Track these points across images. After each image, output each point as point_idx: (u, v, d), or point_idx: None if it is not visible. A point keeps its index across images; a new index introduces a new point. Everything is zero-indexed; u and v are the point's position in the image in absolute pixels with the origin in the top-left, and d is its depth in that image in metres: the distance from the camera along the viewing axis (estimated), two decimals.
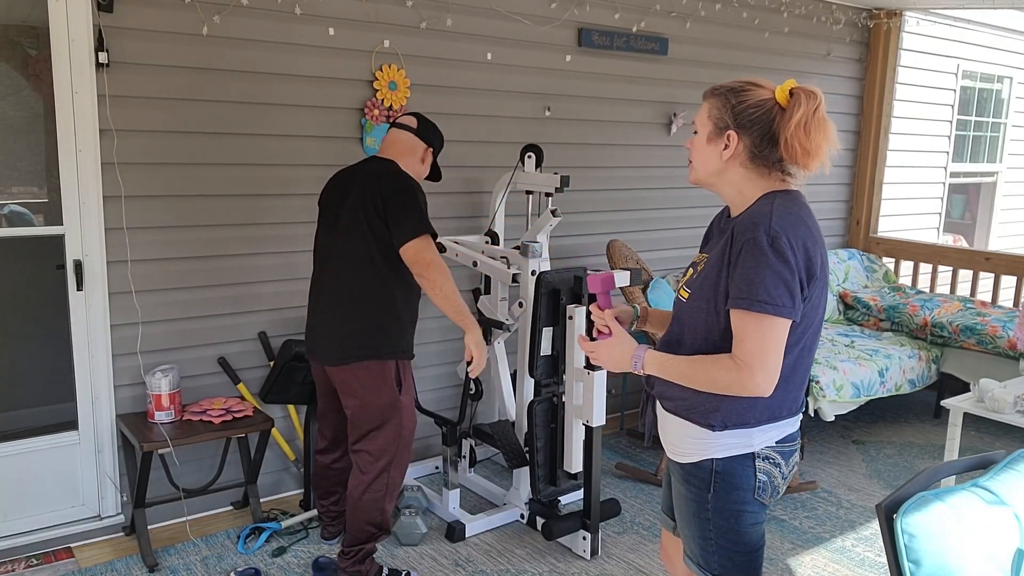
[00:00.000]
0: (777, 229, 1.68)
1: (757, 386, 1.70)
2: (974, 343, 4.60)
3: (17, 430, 3.33)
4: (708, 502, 1.86)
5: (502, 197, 3.80)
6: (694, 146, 1.87)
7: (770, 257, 1.66)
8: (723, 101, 1.79)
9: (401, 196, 2.78)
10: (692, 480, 1.88)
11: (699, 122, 1.85)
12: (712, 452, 1.84)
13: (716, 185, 1.87)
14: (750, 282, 1.67)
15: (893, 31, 5.59)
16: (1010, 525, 1.69)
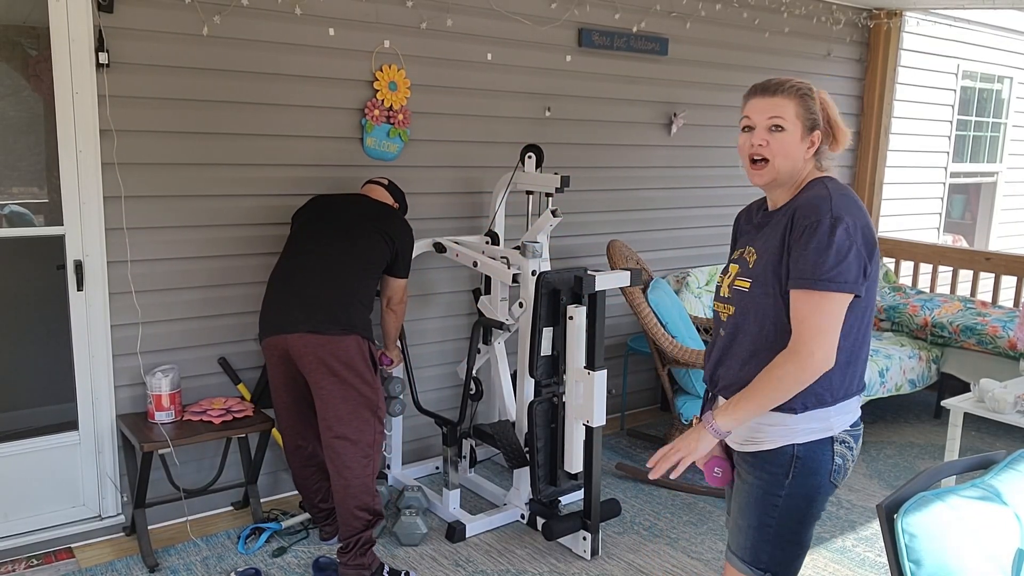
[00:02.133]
0: (839, 210, 1.77)
1: (818, 362, 1.77)
2: (974, 343, 4.60)
3: (17, 430, 3.33)
4: (783, 487, 1.88)
5: (502, 197, 3.80)
6: (782, 144, 1.84)
7: (833, 237, 1.74)
8: (809, 101, 1.85)
9: (409, 242, 3.27)
10: (767, 467, 1.90)
11: (786, 120, 1.84)
12: (794, 437, 1.87)
13: (783, 183, 1.89)
14: (814, 263, 1.74)
15: (893, 31, 5.59)
16: (1011, 525, 1.69)
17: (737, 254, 2.00)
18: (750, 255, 1.92)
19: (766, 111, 1.85)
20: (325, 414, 2.95)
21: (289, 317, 2.97)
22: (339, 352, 2.91)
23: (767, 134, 1.85)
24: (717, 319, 2.03)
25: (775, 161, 1.85)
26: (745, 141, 1.89)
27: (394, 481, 3.88)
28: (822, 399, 1.85)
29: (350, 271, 3.04)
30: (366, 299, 3.07)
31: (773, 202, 1.95)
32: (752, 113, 1.88)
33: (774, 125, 1.84)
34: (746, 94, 1.93)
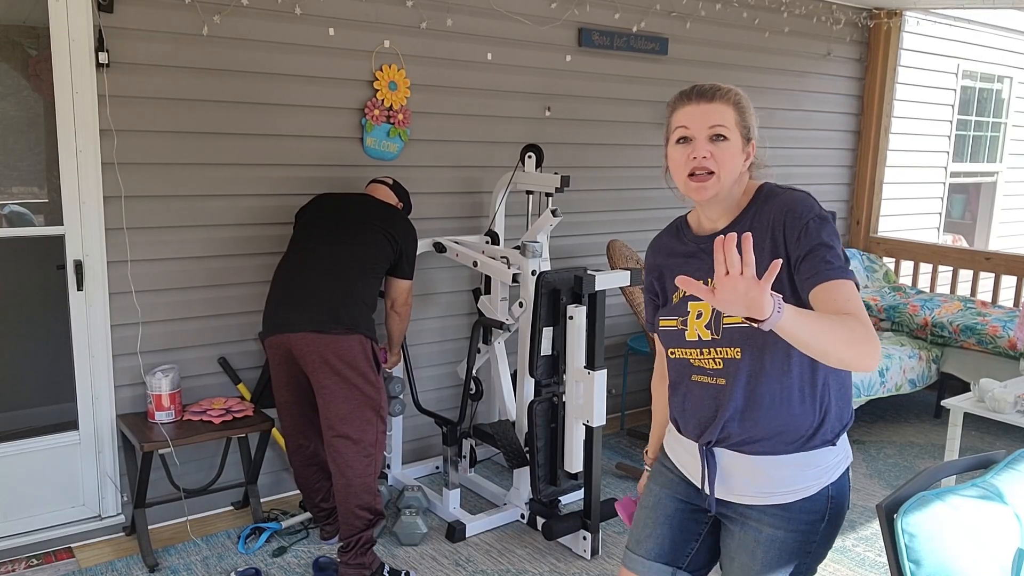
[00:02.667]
0: (819, 206, 1.65)
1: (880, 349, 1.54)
2: (974, 343, 4.60)
3: (17, 430, 3.33)
4: (818, 533, 1.70)
5: (502, 197, 3.80)
6: (726, 155, 1.64)
7: (829, 230, 1.61)
8: (745, 110, 1.69)
9: (413, 242, 3.27)
10: (804, 516, 1.69)
11: (728, 128, 1.65)
12: (830, 477, 1.70)
13: (724, 198, 1.69)
14: (836, 254, 1.58)
15: (893, 31, 5.59)
16: (1011, 525, 1.69)
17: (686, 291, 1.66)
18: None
19: (706, 119, 1.64)
20: (327, 413, 2.96)
21: (292, 316, 2.97)
22: (342, 351, 2.91)
23: (710, 145, 1.64)
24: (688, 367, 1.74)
25: (720, 174, 1.63)
26: (682, 154, 1.67)
27: (394, 481, 3.88)
28: (843, 422, 1.73)
29: (353, 270, 3.04)
30: (369, 299, 3.07)
31: (711, 221, 1.73)
32: (689, 122, 1.65)
33: (716, 135, 1.64)
34: (674, 102, 1.71)
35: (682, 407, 1.78)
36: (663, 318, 1.79)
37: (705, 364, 1.71)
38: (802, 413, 1.66)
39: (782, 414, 1.65)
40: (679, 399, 1.79)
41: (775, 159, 5.77)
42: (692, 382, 1.75)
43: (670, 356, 1.79)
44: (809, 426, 1.67)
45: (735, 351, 1.65)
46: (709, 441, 1.72)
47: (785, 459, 1.67)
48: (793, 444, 1.67)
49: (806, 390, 1.66)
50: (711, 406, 1.71)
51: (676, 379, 1.80)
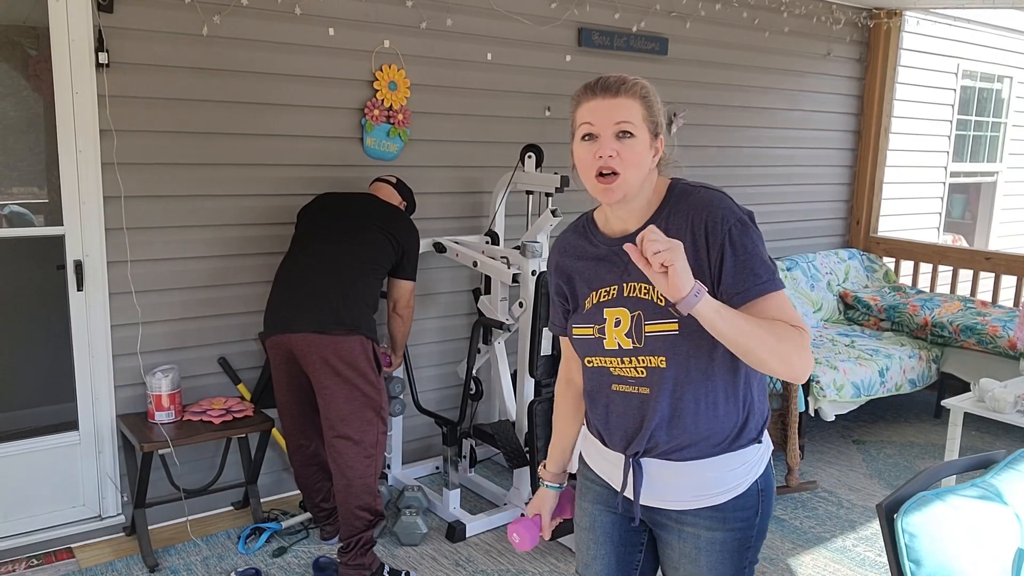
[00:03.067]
0: (740, 206, 1.58)
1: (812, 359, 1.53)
2: (974, 343, 4.60)
3: (17, 430, 3.33)
4: (754, 528, 1.68)
5: (502, 197, 3.80)
6: (633, 153, 1.54)
7: (754, 234, 1.56)
8: (652, 104, 1.60)
9: (415, 243, 3.27)
10: (739, 513, 1.66)
11: (635, 125, 1.55)
12: (757, 470, 1.67)
13: (632, 198, 1.59)
14: (763, 263, 1.54)
15: (893, 31, 5.59)
16: (1011, 525, 1.69)
17: (608, 294, 1.64)
18: (648, 292, 1.59)
19: (611, 115, 1.55)
20: (328, 414, 2.96)
21: (293, 316, 2.97)
22: (343, 352, 2.91)
23: (616, 143, 1.54)
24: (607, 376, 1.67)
25: (626, 174, 1.54)
26: (588, 152, 1.56)
27: (394, 481, 3.88)
28: (764, 417, 1.69)
29: (354, 271, 3.04)
30: (370, 299, 3.07)
31: (622, 221, 1.64)
32: (594, 118, 1.56)
33: (622, 131, 1.55)
34: (579, 95, 1.62)
35: (605, 419, 1.70)
36: (577, 325, 1.70)
37: (626, 373, 1.64)
38: (727, 415, 1.62)
39: (708, 419, 1.61)
40: (601, 410, 1.71)
41: (775, 159, 5.80)
42: (613, 392, 1.67)
43: (587, 365, 1.71)
44: (734, 426, 1.63)
45: (659, 359, 1.58)
46: (636, 452, 1.65)
47: (713, 461, 1.64)
48: (719, 446, 1.63)
49: (729, 391, 1.62)
50: (636, 416, 1.64)
51: (594, 389, 1.72)
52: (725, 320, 1.45)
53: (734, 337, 1.46)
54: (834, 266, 5.46)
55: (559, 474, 1.92)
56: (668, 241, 1.41)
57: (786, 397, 3.80)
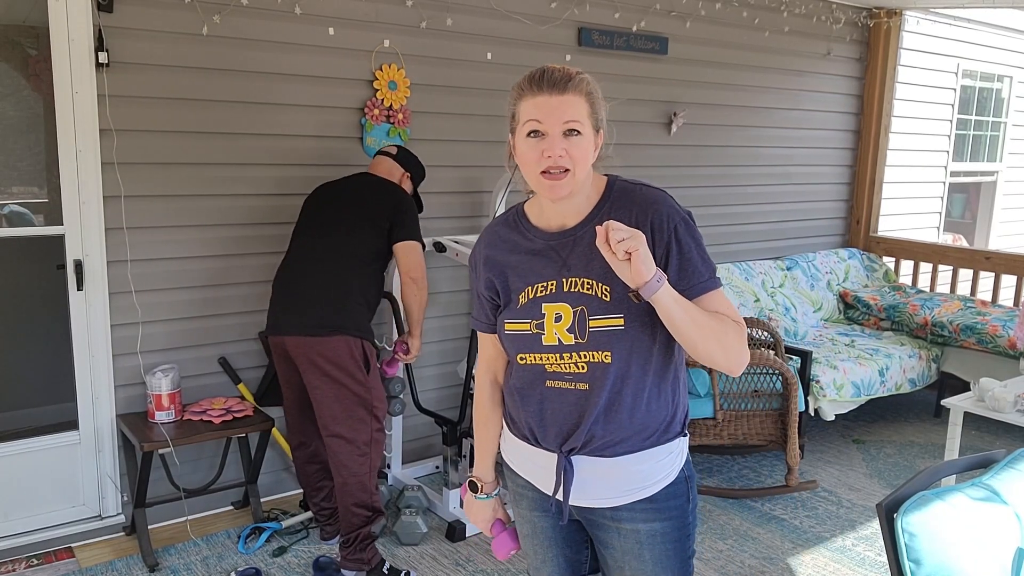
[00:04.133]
0: (680, 205, 1.61)
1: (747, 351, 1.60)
2: (974, 342, 4.60)
3: (17, 430, 3.33)
4: (688, 514, 1.71)
5: (502, 197, 3.80)
6: (581, 151, 1.54)
7: (696, 234, 1.59)
8: (596, 100, 1.60)
9: (407, 205, 3.14)
10: (673, 501, 1.68)
11: (581, 122, 1.54)
12: (680, 459, 1.70)
13: (576, 194, 1.60)
14: (705, 261, 1.58)
15: (893, 30, 5.59)
16: (1011, 524, 1.69)
17: (546, 288, 1.61)
18: (591, 287, 1.57)
19: (559, 113, 1.52)
20: (321, 413, 2.96)
21: (285, 318, 2.98)
22: (327, 352, 2.91)
23: (564, 141, 1.52)
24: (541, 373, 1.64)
25: (575, 170, 1.54)
26: (534, 149, 1.53)
27: (394, 481, 3.88)
28: (685, 409, 1.72)
29: (343, 266, 3.01)
30: (364, 293, 3.02)
31: (560, 216, 1.63)
32: (541, 115, 1.52)
33: (570, 130, 1.53)
34: (522, 87, 1.56)
35: (540, 416, 1.66)
36: (510, 320, 1.65)
37: (564, 369, 1.61)
38: (659, 409, 1.64)
39: (642, 413, 1.62)
40: (534, 407, 1.66)
41: (775, 159, 5.79)
42: (548, 388, 1.64)
43: (519, 362, 1.66)
44: (663, 420, 1.65)
45: (604, 355, 1.57)
46: (572, 448, 1.63)
47: (643, 455, 1.64)
48: (650, 439, 1.64)
49: (663, 387, 1.64)
50: (573, 412, 1.62)
51: (525, 386, 1.67)
52: (681, 308, 1.49)
53: (687, 326, 1.50)
54: (834, 266, 5.46)
55: (493, 481, 1.89)
56: (630, 230, 1.45)
57: (786, 397, 3.80)
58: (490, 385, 1.83)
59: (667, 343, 1.61)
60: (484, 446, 1.87)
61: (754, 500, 3.85)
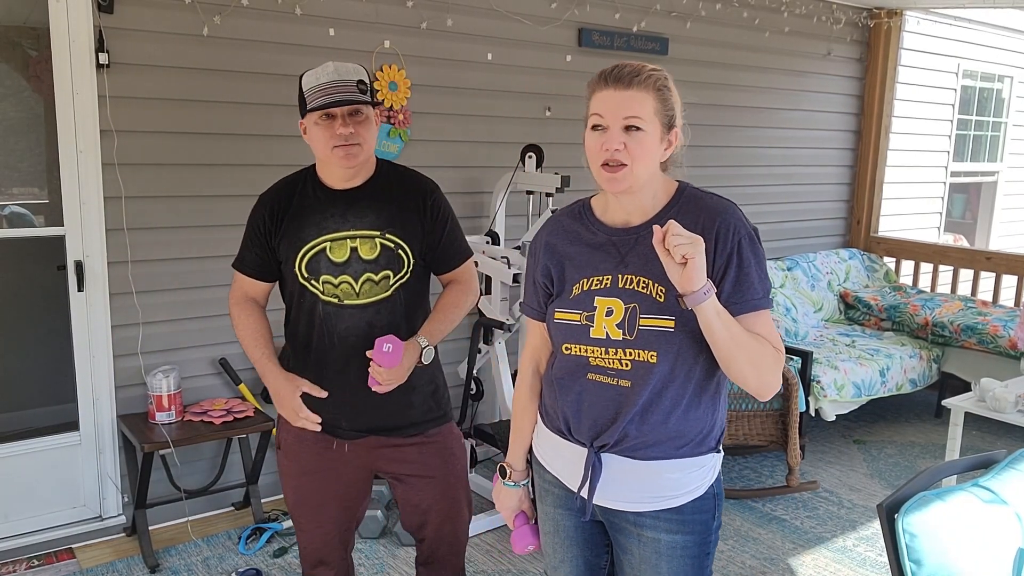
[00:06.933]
0: (748, 220, 1.61)
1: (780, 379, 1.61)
2: (975, 342, 4.60)
3: (18, 431, 3.34)
4: (711, 532, 1.70)
5: (502, 197, 3.80)
6: (641, 147, 1.54)
7: (760, 250, 1.60)
8: (667, 94, 1.58)
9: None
10: (698, 516, 1.67)
11: (644, 119, 1.54)
12: (711, 475, 1.69)
13: (640, 191, 1.60)
14: (761, 280, 1.58)
15: (893, 30, 5.59)
16: (1011, 524, 1.69)
17: (601, 283, 1.63)
18: (647, 286, 1.58)
19: (621, 108, 1.53)
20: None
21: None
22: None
23: (623, 135, 1.53)
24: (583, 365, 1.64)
25: (634, 167, 1.54)
26: (596, 143, 1.55)
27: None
28: (722, 427, 1.71)
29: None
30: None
31: (625, 213, 1.64)
32: (604, 110, 1.54)
33: (631, 125, 1.53)
34: (593, 83, 1.58)
35: (576, 407, 1.67)
36: (560, 310, 1.67)
37: (607, 364, 1.61)
38: (696, 420, 1.63)
39: (679, 420, 1.61)
40: (572, 398, 1.67)
41: (776, 159, 5.78)
42: (588, 381, 1.64)
43: (563, 351, 1.67)
44: (699, 432, 1.65)
45: (650, 354, 1.57)
46: (604, 444, 1.64)
47: (676, 463, 1.64)
48: (683, 449, 1.64)
49: (704, 398, 1.64)
50: (611, 408, 1.62)
51: (565, 376, 1.68)
52: (723, 322, 1.50)
53: (725, 342, 1.51)
54: (835, 266, 5.46)
55: (524, 471, 1.89)
56: (691, 236, 1.46)
57: (786, 397, 3.80)
58: (532, 374, 1.83)
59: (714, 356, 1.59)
60: (518, 433, 1.87)
61: (755, 500, 3.85)
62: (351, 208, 2.05)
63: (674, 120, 1.60)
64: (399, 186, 2.14)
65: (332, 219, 2.04)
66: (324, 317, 2.05)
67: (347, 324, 2.05)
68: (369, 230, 2.04)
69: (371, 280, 2.04)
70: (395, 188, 2.12)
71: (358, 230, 2.04)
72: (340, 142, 1.96)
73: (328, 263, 2.03)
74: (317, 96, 1.95)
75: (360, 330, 2.04)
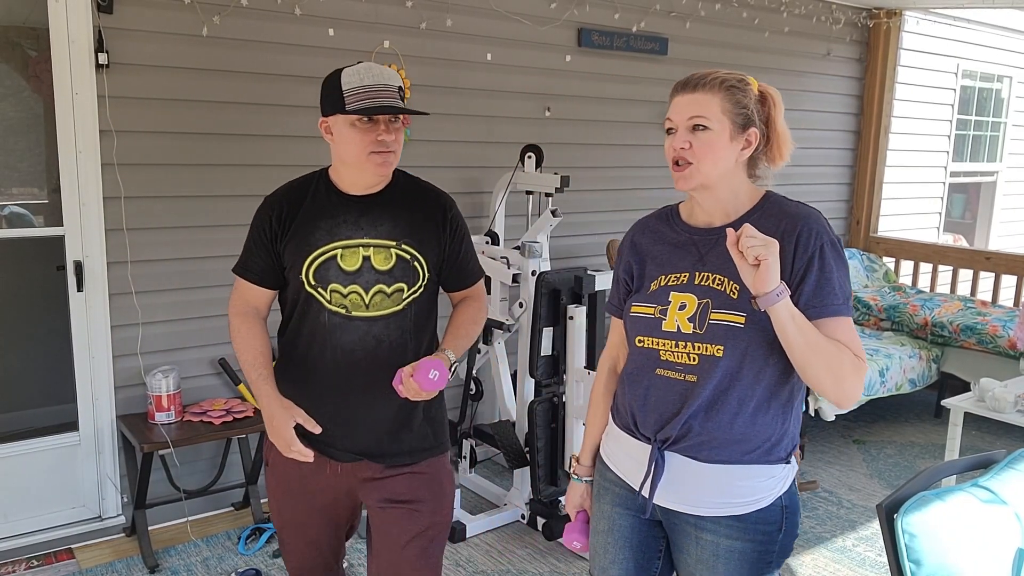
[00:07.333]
0: (832, 228, 1.64)
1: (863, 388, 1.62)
2: (974, 342, 4.60)
3: (18, 431, 3.34)
4: (776, 544, 1.68)
5: (502, 197, 3.80)
6: (706, 145, 1.61)
7: (842, 257, 1.62)
8: (738, 95, 1.66)
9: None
10: (760, 526, 1.66)
11: (710, 118, 1.62)
12: (781, 487, 1.67)
13: (715, 189, 1.65)
14: (842, 286, 1.60)
15: (893, 30, 5.59)
16: (1011, 524, 1.69)
17: (678, 279, 1.68)
18: (722, 283, 1.62)
19: (687, 110, 1.63)
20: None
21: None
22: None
23: (689, 135, 1.62)
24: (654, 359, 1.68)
25: (699, 165, 1.62)
26: (668, 144, 1.66)
27: None
28: (794, 440, 1.71)
29: None
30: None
31: (706, 215, 1.70)
32: (673, 114, 1.65)
33: (696, 125, 1.62)
34: (670, 94, 1.70)
35: (644, 400, 1.70)
36: (637, 304, 1.72)
37: (676, 359, 1.64)
38: (764, 426, 1.63)
39: (745, 422, 1.62)
40: (640, 392, 1.70)
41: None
42: (656, 376, 1.67)
43: (636, 344, 1.71)
44: (767, 440, 1.64)
45: (717, 348, 1.60)
46: (667, 438, 1.66)
47: (741, 469, 1.64)
48: (750, 455, 1.63)
49: (773, 403, 1.64)
50: (676, 402, 1.65)
51: (637, 370, 1.72)
52: (796, 325, 1.52)
53: (799, 344, 1.53)
54: None
55: (591, 467, 1.90)
56: (765, 238, 1.49)
57: None
58: (608, 372, 1.89)
59: (787, 362, 1.60)
60: (589, 429, 1.91)
61: None
62: (364, 215, 1.94)
63: (751, 120, 1.65)
64: (417, 197, 2.02)
65: (344, 225, 1.93)
66: (329, 328, 1.90)
67: (353, 337, 1.90)
68: (385, 239, 1.92)
69: (383, 292, 1.91)
70: (413, 199, 2.01)
71: (372, 238, 1.92)
72: (380, 148, 1.87)
73: (338, 271, 1.89)
74: (361, 98, 1.84)
75: (368, 345, 1.90)
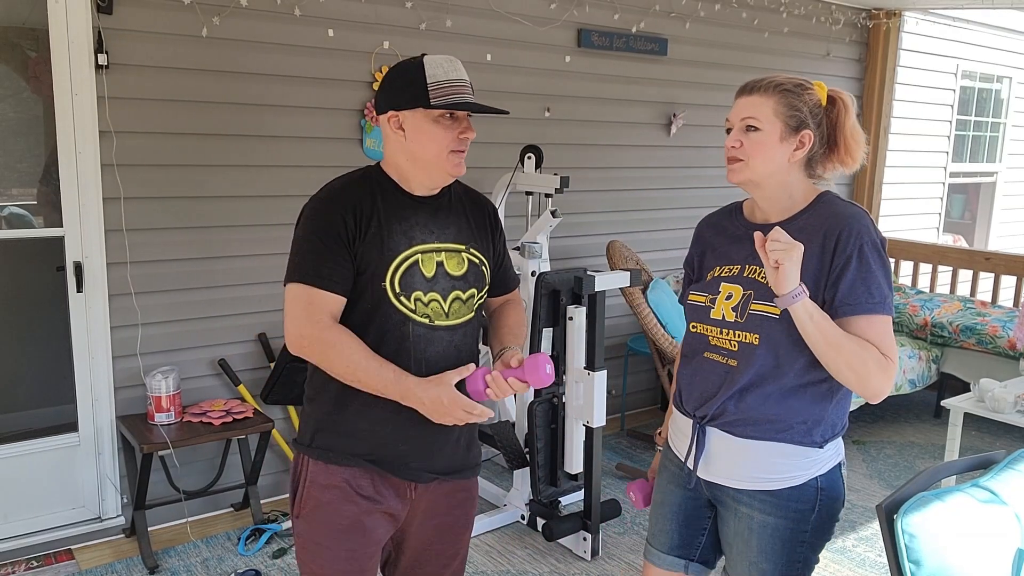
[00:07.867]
0: (877, 230, 1.72)
1: (891, 386, 1.69)
2: (974, 343, 4.60)
3: (17, 432, 3.33)
4: (809, 523, 1.77)
5: (502, 198, 3.80)
6: (759, 144, 1.74)
7: (883, 258, 1.70)
8: (794, 99, 1.76)
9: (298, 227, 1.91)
10: (793, 504, 1.76)
11: (761, 120, 1.74)
12: (817, 469, 1.76)
13: (765, 186, 1.77)
14: (879, 287, 1.68)
15: (892, 31, 5.59)
16: (1010, 525, 1.69)
17: (730, 271, 1.82)
18: (765, 277, 1.71)
19: (742, 111, 1.78)
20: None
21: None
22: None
23: (742, 134, 1.76)
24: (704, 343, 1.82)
25: (750, 162, 1.74)
26: (727, 143, 1.82)
27: None
28: (835, 429, 1.79)
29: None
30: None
31: (763, 212, 1.82)
32: (732, 114, 1.81)
33: (748, 125, 1.76)
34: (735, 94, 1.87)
35: (690, 379, 1.86)
36: (694, 292, 1.88)
37: (722, 344, 1.79)
38: (799, 408, 1.73)
39: (777, 403, 1.73)
40: (689, 371, 1.87)
41: None
42: (704, 358, 1.82)
43: (691, 330, 1.88)
44: (802, 421, 1.74)
45: (753, 336, 1.72)
46: (705, 415, 1.80)
47: (775, 447, 1.74)
48: (783, 434, 1.74)
49: (808, 388, 1.73)
50: (716, 383, 1.79)
51: (690, 352, 1.88)
52: (815, 324, 1.63)
53: (819, 341, 1.64)
54: None
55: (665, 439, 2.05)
56: (789, 243, 1.61)
57: None
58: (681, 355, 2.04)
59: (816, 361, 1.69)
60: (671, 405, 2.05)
61: None
62: (433, 218, 1.81)
63: (804, 122, 1.75)
64: (470, 201, 1.93)
65: (417, 228, 1.78)
66: (414, 340, 1.75)
67: (437, 348, 1.77)
68: (454, 243, 1.82)
69: (459, 299, 1.81)
70: (467, 202, 1.91)
71: (443, 243, 1.80)
72: (461, 147, 1.75)
73: (421, 278, 1.76)
74: (447, 93, 1.70)
75: (450, 355, 1.78)
